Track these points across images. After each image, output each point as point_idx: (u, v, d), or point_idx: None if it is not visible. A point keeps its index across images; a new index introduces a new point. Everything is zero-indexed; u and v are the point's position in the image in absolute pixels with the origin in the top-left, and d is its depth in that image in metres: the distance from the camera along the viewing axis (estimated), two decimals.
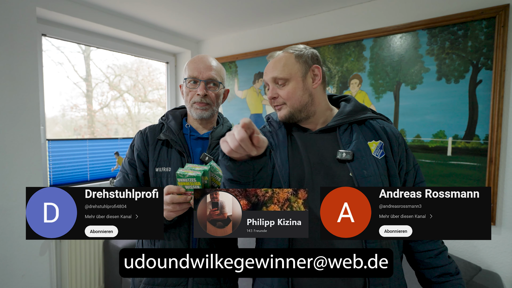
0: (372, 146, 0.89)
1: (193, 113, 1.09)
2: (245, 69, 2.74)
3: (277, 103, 0.93)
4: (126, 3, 2.15)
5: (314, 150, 0.91)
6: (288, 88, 0.91)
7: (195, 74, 1.07)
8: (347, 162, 0.86)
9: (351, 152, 0.86)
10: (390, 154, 0.89)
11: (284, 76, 0.90)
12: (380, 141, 0.90)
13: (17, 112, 1.86)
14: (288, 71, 0.90)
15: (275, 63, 0.93)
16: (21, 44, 1.86)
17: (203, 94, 1.06)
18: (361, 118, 0.93)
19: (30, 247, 1.96)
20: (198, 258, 1.02)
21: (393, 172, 0.88)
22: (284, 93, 0.91)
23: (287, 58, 0.92)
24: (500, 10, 1.64)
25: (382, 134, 0.91)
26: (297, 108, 0.91)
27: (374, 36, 2.05)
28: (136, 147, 1.10)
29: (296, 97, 0.91)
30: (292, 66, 0.91)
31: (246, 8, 2.22)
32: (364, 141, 0.89)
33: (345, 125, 0.92)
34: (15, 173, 1.86)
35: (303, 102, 0.92)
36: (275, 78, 0.91)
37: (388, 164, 0.88)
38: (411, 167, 0.93)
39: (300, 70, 0.91)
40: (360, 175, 0.84)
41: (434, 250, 0.90)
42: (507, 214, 1.67)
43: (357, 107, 0.96)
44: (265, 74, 0.96)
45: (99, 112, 2.66)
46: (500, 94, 1.64)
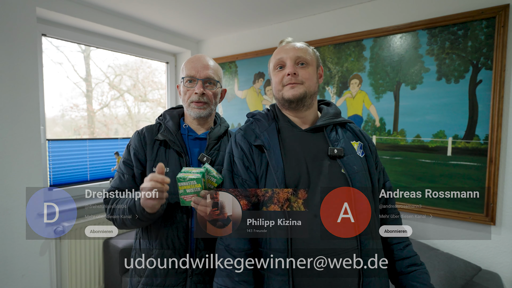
0: (354, 146, 0.96)
1: (191, 112, 1.09)
2: (245, 69, 2.74)
3: (295, 81, 0.94)
4: (126, 3, 2.15)
5: (308, 148, 0.94)
6: (309, 70, 0.95)
7: (192, 73, 1.07)
8: (338, 158, 0.91)
9: (341, 149, 0.91)
10: (369, 153, 0.97)
11: (307, 58, 0.95)
12: (359, 142, 0.97)
13: (17, 112, 1.86)
14: (310, 57, 0.97)
15: (298, 47, 0.96)
16: (21, 44, 1.86)
17: (201, 93, 1.06)
18: (343, 121, 1.00)
19: (30, 247, 1.96)
20: (198, 258, 1.02)
21: (372, 170, 0.94)
22: (305, 73, 0.94)
23: (308, 48, 0.98)
24: (500, 10, 1.64)
25: (360, 136, 0.99)
26: (310, 92, 0.95)
27: (374, 36, 2.05)
28: (133, 146, 1.09)
29: (313, 82, 0.96)
30: (312, 56, 0.98)
31: (246, 8, 2.22)
32: (348, 141, 0.96)
33: (331, 125, 0.98)
34: (15, 173, 1.86)
35: (315, 89, 0.98)
36: (299, 57, 0.94)
37: (368, 162, 0.95)
38: (380, 167, 1.02)
39: (315, 62, 0.99)
40: (351, 170, 0.88)
41: (401, 243, 0.97)
42: (507, 214, 1.67)
43: (338, 111, 1.03)
44: (283, 53, 0.97)
45: (99, 112, 2.66)
46: (500, 94, 1.64)
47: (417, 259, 0.96)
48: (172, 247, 1.02)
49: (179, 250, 1.02)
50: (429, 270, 1.57)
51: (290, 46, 0.98)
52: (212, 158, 1.07)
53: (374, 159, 0.98)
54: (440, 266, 1.58)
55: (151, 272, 1.02)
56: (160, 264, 1.01)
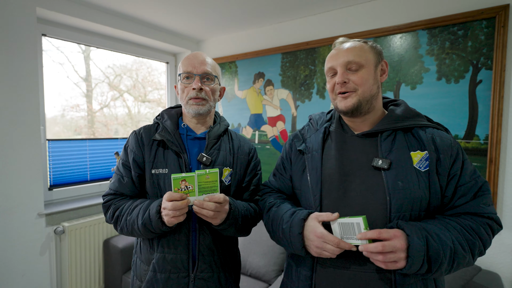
0: (415, 157, 0.82)
1: (189, 109, 1.05)
2: (245, 69, 2.74)
3: (346, 89, 0.86)
4: (126, 3, 2.15)
5: (352, 155, 0.87)
6: (362, 74, 0.86)
7: (189, 69, 1.04)
8: (383, 170, 0.81)
9: (388, 161, 0.81)
10: (434, 168, 0.81)
11: (359, 60, 0.86)
12: (426, 152, 0.82)
13: (17, 112, 1.86)
14: (364, 56, 0.87)
15: (349, 49, 0.88)
16: (21, 44, 1.86)
17: (199, 88, 1.03)
18: (408, 125, 0.86)
19: (30, 247, 1.96)
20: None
21: (434, 189, 0.80)
22: (357, 78, 0.86)
23: (362, 46, 0.89)
24: (500, 10, 1.63)
25: (429, 145, 0.83)
26: (366, 97, 0.86)
27: (374, 36, 2.05)
28: (130, 148, 1.07)
29: (368, 84, 0.86)
30: (368, 54, 0.88)
31: (246, 8, 2.22)
32: (406, 150, 0.83)
33: (389, 131, 0.86)
34: (15, 173, 1.86)
35: (372, 92, 0.87)
36: (349, 62, 0.86)
37: (431, 179, 0.80)
38: (467, 179, 0.82)
39: (374, 59, 0.89)
40: (393, 186, 0.79)
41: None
42: (507, 214, 1.67)
43: (407, 113, 0.89)
44: (334, 59, 0.90)
45: (99, 112, 2.66)
46: (500, 94, 1.64)
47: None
48: (174, 250, 0.99)
49: (181, 254, 0.99)
50: None
51: (340, 49, 0.90)
52: (212, 158, 1.04)
53: (448, 172, 0.81)
54: None
55: (152, 276, 1.00)
56: (161, 268, 1.00)
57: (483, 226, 0.80)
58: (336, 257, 0.80)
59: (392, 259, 0.70)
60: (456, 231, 0.77)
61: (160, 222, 0.91)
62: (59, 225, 2.13)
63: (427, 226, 0.75)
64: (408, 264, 0.70)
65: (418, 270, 0.72)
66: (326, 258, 0.83)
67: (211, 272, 1.02)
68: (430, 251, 0.72)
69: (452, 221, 0.79)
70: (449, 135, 0.88)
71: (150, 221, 0.92)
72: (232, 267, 1.10)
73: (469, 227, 0.79)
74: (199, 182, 0.89)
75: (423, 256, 0.71)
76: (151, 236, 1.00)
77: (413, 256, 0.70)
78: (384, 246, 0.70)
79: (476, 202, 0.81)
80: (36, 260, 1.99)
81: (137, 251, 1.09)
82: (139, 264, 1.07)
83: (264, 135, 2.66)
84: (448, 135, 0.88)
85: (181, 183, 0.88)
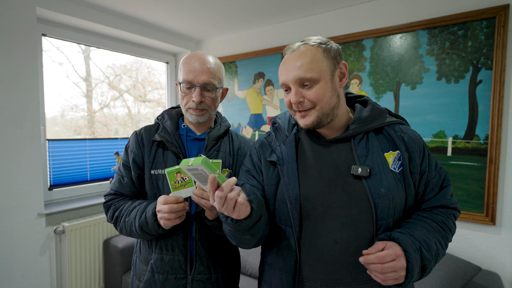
0: (389, 158, 0.80)
1: (189, 117, 1.04)
2: (245, 69, 2.74)
3: (303, 108, 0.80)
4: (126, 3, 2.15)
5: (329, 163, 0.82)
6: (317, 89, 0.77)
7: (189, 77, 0.99)
8: (363, 178, 0.78)
9: (367, 168, 0.77)
10: (407, 167, 0.80)
11: (312, 75, 0.76)
12: (397, 152, 0.81)
13: (17, 112, 1.86)
14: (317, 69, 0.77)
15: (298, 59, 0.78)
16: (21, 44, 1.86)
17: (198, 101, 0.99)
18: (378, 126, 0.83)
19: (30, 247, 1.96)
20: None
21: (410, 189, 0.80)
22: (312, 96, 0.78)
23: (313, 53, 0.78)
24: (500, 10, 1.63)
25: (399, 144, 0.82)
26: (326, 112, 0.79)
27: (374, 36, 2.05)
28: (131, 148, 1.07)
29: (326, 99, 0.78)
30: (320, 63, 0.78)
31: (246, 8, 2.22)
32: (380, 152, 0.81)
33: (361, 134, 0.83)
34: (15, 173, 1.86)
35: (332, 104, 0.80)
36: (301, 78, 0.77)
37: (405, 179, 0.80)
38: (433, 174, 0.85)
39: (329, 67, 0.79)
40: (376, 194, 0.77)
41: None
42: (507, 214, 1.67)
43: (374, 112, 0.85)
44: (284, 74, 0.80)
45: (99, 112, 2.66)
46: (500, 94, 1.64)
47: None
48: (171, 252, 1.00)
49: (178, 256, 0.99)
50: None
51: (288, 61, 0.80)
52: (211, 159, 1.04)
53: (419, 169, 0.82)
54: (440, 266, 1.57)
55: (150, 277, 1.00)
56: (159, 269, 1.00)
57: (450, 217, 0.84)
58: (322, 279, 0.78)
59: (392, 277, 0.70)
60: (435, 231, 0.79)
61: (156, 225, 0.92)
62: (59, 225, 2.13)
63: (415, 234, 0.75)
64: (407, 280, 0.71)
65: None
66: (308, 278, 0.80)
67: (209, 274, 1.01)
68: (424, 261, 0.73)
69: (428, 219, 0.81)
70: (412, 130, 0.88)
71: (147, 223, 0.93)
72: (231, 268, 1.10)
73: (441, 223, 0.82)
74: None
75: (419, 268, 0.73)
76: (149, 238, 1.01)
77: (412, 272, 0.70)
78: (383, 268, 0.69)
79: (443, 195, 0.84)
80: (36, 260, 1.99)
81: (137, 251, 1.10)
82: (138, 264, 1.07)
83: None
84: (412, 130, 0.88)
85: (177, 176, 0.88)
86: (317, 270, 0.79)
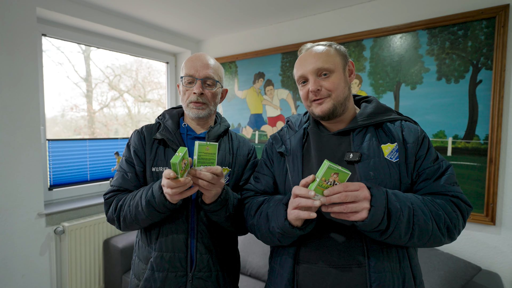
0: (386, 149, 0.86)
1: (190, 112, 1.07)
2: (245, 69, 2.74)
3: (320, 96, 0.88)
4: (126, 3, 2.15)
5: (329, 153, 0.90)
6: (333, 79, 0.88)
7: (191, 72, 1.05)
8: (355, 163, 0.84)
9: (358, 153, 0.85)
10: (404, 159, 0.85)
11: (329, 66, 0.88)
12: (396, 144, 0.86)
13: (17, 112, 1.86)
14: (333, 61, 0.88)
15: (315, 53, 0.90)
16: (21, 44, 1.86)
17: (199, 93, 1.04)
18: (379, 121, 0.90)
19: (30, 247, 1.96)
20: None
21: (405, 181, 0.84)
22: (329, 84, 0.87)
23: (328, 50, 0.90)
24: (500, 10, 1.64)
25: (398, 137, 0.87)
26: (340, 100, 0.89)
27: (374, 36, 2.05)
28: (133, 144, 1.08)
29: (341, 88, 0.89)
30: (334, 57, 0.90)
31: (246, 8, 2.22)
32: (377, 143, 0.87)
33: (361, 127, 0.90)
34: (15, 173, 1.86)
35: (345, 94, 0.90)
36: (320, 68, 0.88)
37: (401, 170, 0.84)
38: (431, 164, 0.86)
39: (341, 62, 0.91)
40: (365, 177, 0.82)
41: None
42: (507, 214, 1.67)
43: (378, 109, 0.93)
44: (302, 67, 0.91)
45: (99, 112, 2.66)
46: (500, 94, 1.64)
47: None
48: (171, 249, 1.00)
49: (179, 253, 1.00)
50: (429, 270, 1.57)
51: (308, 56, 0.91)
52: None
53: (415, 160, 0.85)
54: (440, 266, 1.58)
55: (150, 275, 1.00)
56: (159, 267, 1.00)
57: (447, 202, 0.81)
58: (312, 250, 0.84)
59: (354, 209, 0.70)
60: (416, 198, 0.79)
61: (163, 197, 0.90)
62: (59, 225, 2.13)
63: (387, 189, 0.77)
64: (370, 214, 0.70)
65: (379, 225, 0.72)
66: (304, 256, 0.86)
67: (209, 272, 1.02)
68: (390, 204, 0.73)
69: (413, 195, 0.81)
70: (417, 126, 0.91)
71: (154, 197, 0.91)
72: (231, 267, 1.10)
73: (431, 200, 0.80)
74: (199, 152, 0.87)
75: (384, 208, 0.72)
76: (157, 219, 0.98)
77: (376, 206, 0.70)
78: (347, 196, 0.70)
79: (440, 182, 0.84)
80: (36, 260, 1.99)
81: (136, 250, 1.10)
82: (137, 262, 1.07)
83: (264, 135, 2.66)
84: (416, 126, 0.91)
85: (182, 164, 0.87)
86: (312, 251, 0.86)
